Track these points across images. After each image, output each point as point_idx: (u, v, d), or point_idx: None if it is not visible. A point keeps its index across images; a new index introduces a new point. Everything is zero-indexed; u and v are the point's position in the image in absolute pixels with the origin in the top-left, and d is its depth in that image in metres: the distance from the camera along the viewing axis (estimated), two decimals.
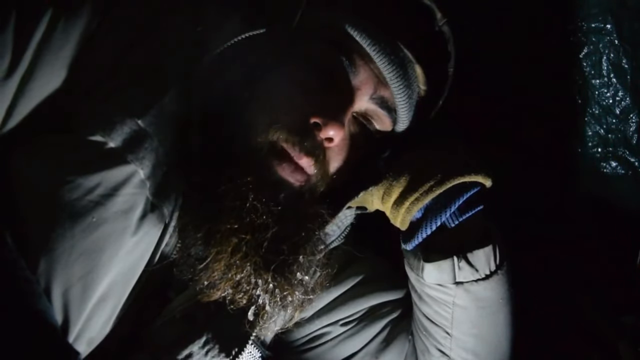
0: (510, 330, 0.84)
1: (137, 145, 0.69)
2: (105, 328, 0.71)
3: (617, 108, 1.01)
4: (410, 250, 0.84)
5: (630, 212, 1.06)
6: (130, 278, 0.72)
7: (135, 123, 0.69)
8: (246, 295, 0.72)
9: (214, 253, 0.70)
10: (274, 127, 0.72)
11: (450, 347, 0.83)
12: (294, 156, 0.73)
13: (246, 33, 0.75)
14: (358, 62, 0.75)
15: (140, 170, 0.69)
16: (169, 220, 0.72)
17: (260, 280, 0.71)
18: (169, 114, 0.72)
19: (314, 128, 0.73)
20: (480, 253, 0.79)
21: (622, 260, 1.06)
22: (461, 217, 0.79)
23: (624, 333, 1.00)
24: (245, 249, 0.70)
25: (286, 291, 0.74)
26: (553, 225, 1.10)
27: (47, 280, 0.63)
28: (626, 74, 0.98)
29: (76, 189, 0.65)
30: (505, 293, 0.82)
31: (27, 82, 0.65)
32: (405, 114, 0.80)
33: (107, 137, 0.67)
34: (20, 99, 0.65)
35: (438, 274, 0.80)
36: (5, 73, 0.64)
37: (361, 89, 0.76)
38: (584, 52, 1.01)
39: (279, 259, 0.72)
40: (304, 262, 0.75)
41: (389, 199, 0.82)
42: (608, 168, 1.04)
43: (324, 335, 0.92)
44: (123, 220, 0.68)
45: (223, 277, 0.70)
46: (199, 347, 0.75)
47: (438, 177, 0.78)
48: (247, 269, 0.70)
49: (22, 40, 0.64)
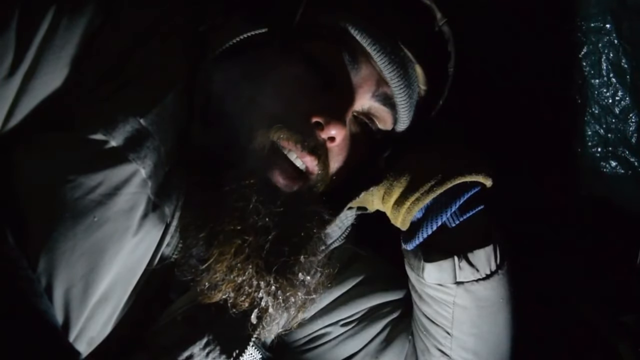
0: (510, 330, 0.84)
1: (138, 144, 0.69)
2: (106, 328, 0.71)
3: (616, 108, 1.01)
4: (410, 250, 0.84)
5: (630, 211, 1.06)
6: (131, 278, 0.71)
7: (137, 122, 0.69)
8: (248, 297, 0.72)
9: (216, 254, 0.70)
10: (276, 127, 0.72)
11: (450, 347, 0.83)
12: (297, 155, 0.73)
13: (247, 33, 0.75)
14: (359, 60, 0.75)
15: (141, 170, 0.69)
16: (170, 220, 0.72)
17: (263, 282, 0.71)
18: (171, 113, 0.72)
19: (316, 127, 0.73)
20: (480, 253, 0.79)
21: (622, 260, 1.06)
22: (462, 217, 0.79)
23: (624, 333, 1.00)
24: (248, 251, 0.70)
25: (289, 292, 0.74)
26: (553, 225, 1.10)
27: (48, 279, 0.63)
28: (626, 73, 0.98)
29: (78, 188, 0.65)
30: (506, 293, 0.82)
31: (29, 80, 0.65)
32: (406, 114, 0.80)
33: (108, 135, 0.67)
34: (23, 98, 0.65)
35: (438, 274, 0.80)
36: (8, 71, 0.63)
37: (363, 87, 0.76)
38: (583, 51, 1.01)
39: (280, 260, 0.72)
40: (305, 262, 0.75)
41: (390, 199, 0.82)
42: (608, 168, 1.04)
43: (324, 335, 0.92)
44: (125, 219, 0.68)
45: (225, 278, 0.70)
46: (200, 349, 0.75)
47: (439, 177, 0.78)
48: (249, 271, 0.70)
49: (25, 38, 0.64)
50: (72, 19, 0.67)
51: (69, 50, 0.67)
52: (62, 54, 0.66)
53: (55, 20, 0.66)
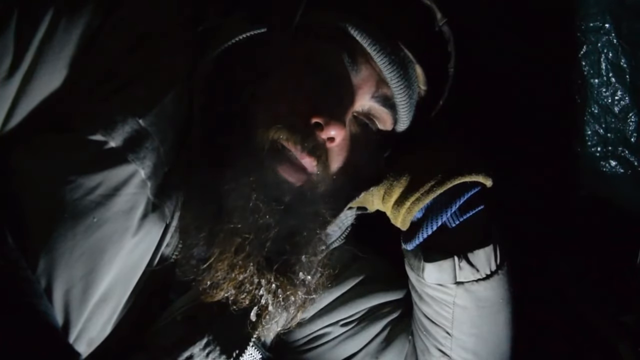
0: (510, 330, 0.84)
1: (138, 145, 0.69)
2: (106, 329, 0.71)
3: (616, 107, 1.01)
4: (410, 250, 0.84)
5: (630, 211, 1.06)
6: (131, 278, 0.72)
7: (136, 122, 0.69)
8: (249, 295, 0.72)
9: (217, 253, 0.70)
10: (275, 127, 0.72)
11: (450, 347, 0.83)
12: (296, 155, 0.73)
13: (247, 32, 0.75)
14: (359, 60, 0.75)
15: (141, 170, 0.69)
16: (170, 220, 0.72)
17: (263, 280, 0.71)
18: (170, 114, 0.72)
19: (316, 128, 0.73)
20: (480, 253, 0.79)
21: (622, 260, 1.06)
22: (462, 217, 0.79)
23: (624, 333, 1.00)
24: (249, 249, 0.70)
25: (289, 291, 0.74)
26: (553, 224, 1.10)
27: (47, 280, 0.63)
28: (625, 73, 0.98)
29: (77, 189, 0.65)
30: (506, 293, 0.82)
31: (28, 81, 0.65)
32: (406, 114, 0.80)
33: (108, 136, 0.67)
34: (22, 99, 0.65)
35: (438, 274, 0.80)
36: (7, 73, 0.63)
37: (363, 88, 0.76)
38: (582, 51, 1.00)
39: (281, 258, 0.72)
40: (306, 262, 0.75)
41: (390, 199, 0.82)
42: (607, 167, 1.04)
43: (324, 335, 0.92)
44: (124, 220, 0.68)
45: (226, 277, 0.70)
46: (200, 349, 0.75)
47: (439, 177, 0.78)
48: (250, 269, 0.70)
49: (24, 40, 0.64)
50: (70, 20, 0.67)
51: (67, 51, 0.67)
52: (61, 55, 0.66)
53: (54, 22, 0.66)
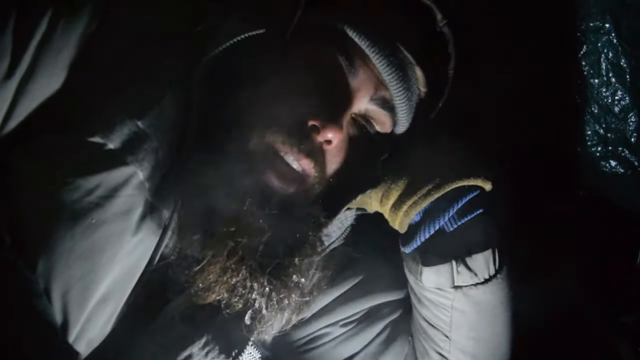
0: (509, 334, 0.84)
1: (136, 147, 0.69)
2: (105, 329, 0.71)
3: (616, 107, 1.01)
4: (409, 254, 0.84)
5: (630, 211, 1.06)
6: (130, 279, 0.71)
7: (135, 124, 0.69)
8: (242, 299, 0.72)
9: (209, 256, 0.70)
10: (272, 130, 0.72)
11: (449, 350, 0.83)
12: (293, 158, 0.73)
13: (245, 33, 0.74)
14: (357, 62, 0.75)
15: (139, 172, 0.69)
16: (168, 221, 0.72)
17: (256, 284, 0.71)
18: (168, 115, 0.72)
19: (312, 131, 0.72)
20: (479, 257, 0.79)
21: (622, 260, 1.06)
22: (460, 220, 0.78)
23: (624, 333, 1.00)
24: (242, 253, 0.70)
25: (282, 294, 0.73)
26: (552, 224, 1.10)
27: (46, 280, 0.64)
28: (625, 73, 0.98)
29: (75, 190, 0.65)
30: (505, 297, 0.82)
31: (26, 83, 0.65)
32: (405, 116, 0.80)
33: (106, 138, 0.67)
34: (20, 100, 0.65)
35: (436, 278, 0.80)
36: (5, 74, 0.63)
37: (361, 90, 0.76)
38: (582, 51, 1.01)
39: (274, 262, 0.72)
40: (299, 264, 0.75)
41: (388, 202, 0.82)
42: (607, 167, 1.04)
43: (324, 336, 0.92)
44: (122, 221, 0.68)
45: (218, 280, 0.70)
46: (199, 349, 0.75)
47: (436, 181, 0.77)
48: (242, 273, 0.70)
49: (22, 41, 0.64)
50: (69, 21, 0.67)
51: (66, 52, 0.67)
52: (59, 57, 0.66)
53: (53, 23, 0.66)
